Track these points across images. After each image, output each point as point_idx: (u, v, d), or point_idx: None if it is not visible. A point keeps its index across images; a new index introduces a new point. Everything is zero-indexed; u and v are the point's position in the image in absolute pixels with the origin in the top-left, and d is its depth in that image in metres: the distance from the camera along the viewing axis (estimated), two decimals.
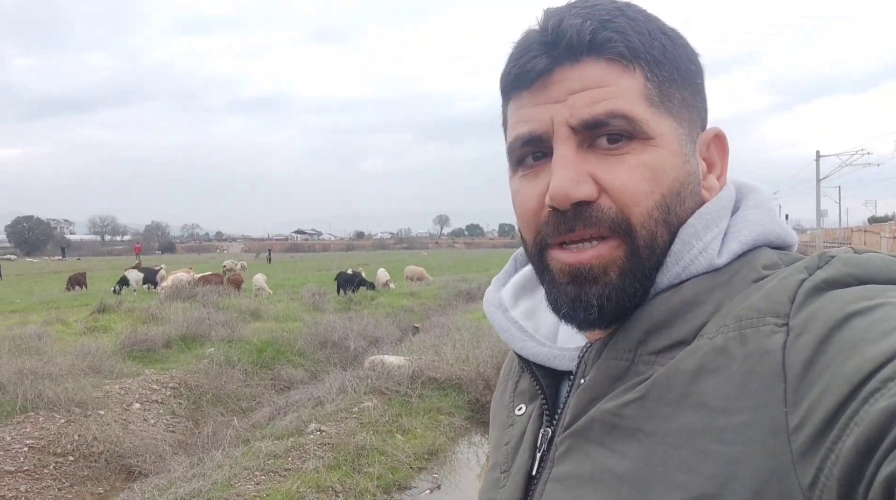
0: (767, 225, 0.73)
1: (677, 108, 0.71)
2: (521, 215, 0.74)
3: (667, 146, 0.70)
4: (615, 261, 0.69)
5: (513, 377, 0.86)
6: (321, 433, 6.27)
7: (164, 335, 11.58)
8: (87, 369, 9.22)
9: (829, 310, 0.56)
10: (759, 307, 0.61)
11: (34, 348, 10.31)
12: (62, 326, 13.35)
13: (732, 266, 0.69)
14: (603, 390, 0.68)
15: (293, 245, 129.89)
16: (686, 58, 0.74)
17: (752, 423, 0.56)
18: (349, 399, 7.27)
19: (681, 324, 0.66)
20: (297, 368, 10.71)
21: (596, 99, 0.68)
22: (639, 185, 0.68)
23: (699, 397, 0.59)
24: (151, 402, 8.64)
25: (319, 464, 5.53)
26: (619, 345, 0.69)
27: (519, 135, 0.72)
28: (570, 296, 0.70)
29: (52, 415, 7.49)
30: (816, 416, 0.52)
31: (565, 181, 0.67)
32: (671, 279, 0.69)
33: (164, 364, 10.36)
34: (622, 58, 0.69)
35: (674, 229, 0.70)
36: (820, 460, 0.51)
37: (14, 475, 6.30)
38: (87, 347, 10.33)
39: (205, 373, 9.68)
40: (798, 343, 0.56)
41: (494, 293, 0.88)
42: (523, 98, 0.72)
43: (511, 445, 0.78)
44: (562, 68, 0.69)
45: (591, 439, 0.66)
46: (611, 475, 0.63)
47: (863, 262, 0.61)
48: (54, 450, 6.88)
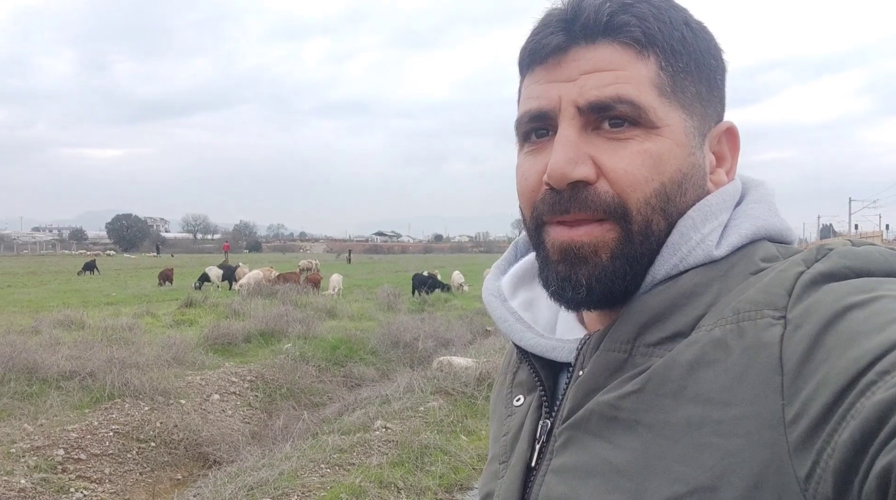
0: (768, 219, 0.73)
1: (689, 100, 0.71)
2: (521, 191, 0.75)
3: (672, 137, 0.69)
4: (607, 243, 0.69)
5: (511, 369, 0.86)
6: (387, 429, 6.37)
7: (245, 330, 12.01)
8: (172, 360, 9.67)
9: (826, 303, 0.56)
10: (757, 300, 0.61)
11: (125, 338, 10.90)
12: (152, 318, 14.07)
13: (731, 258, 0.69)
14: (601, 381, 0.68)
15: (373, 246, 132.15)
16: (707, 51, 0.73)
17: (749, 415, 0.56)
18: (415, 398, 7.35)
19: (678, 316, 0.66)
20: (369, 366, 10.90)
21: (605, 82, 0.68)
22: (638, 171, 0.68)
23: (697, 390, 0.59)
24: (230, 393, 8.97)
25: (383, 460, 5.61)
26: (616, 337, 0.69)
27: (527, 110, 0.72)
28: (561, 274, 0.71)
29: (137, 402, 7.88)
30: (813, 408, 0.52)
31: (563, 161, 0.67)
32: (668, 270, 0.69)
33: (243, 358, 10.75)
34: (637, 43, 0.68)
35: (672, 220, 0.70)
36: (816, 452, 0.51)
37: (100, 458, 6.66)
38: (172, 339, 10.84)
39: (280, 368, 9.99)
40: (795, 336, 0.56)
41: (493, 282, 0.88)
42: (537, 74, 0.73)
43: (510, 436, 0.79)
44: (577, 47, 0.70)
45: (589, 430, 0.67)
46: (609, 466, 0.63)
47: (860, 254, 0.61)
48: (138, 436, 7.24)
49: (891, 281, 0.58)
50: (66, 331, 11.61)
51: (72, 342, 10.24)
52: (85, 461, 6.57)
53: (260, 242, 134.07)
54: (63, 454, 6.48)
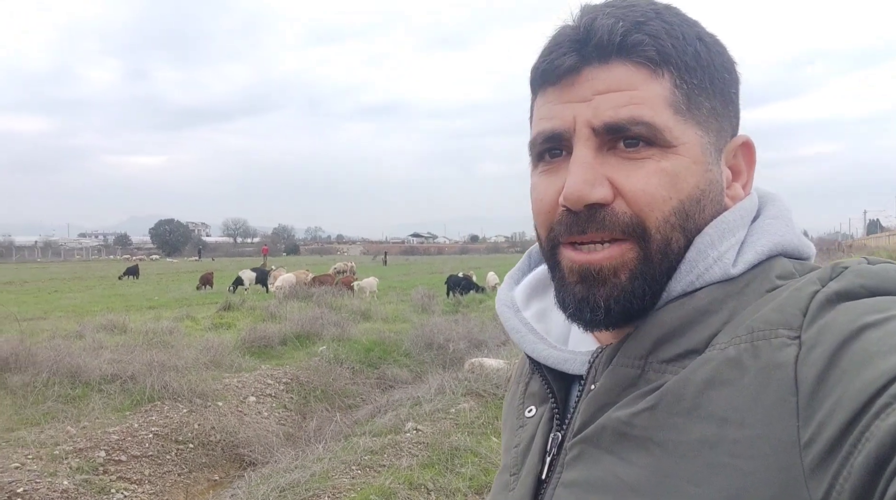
0: (785, 236, 0.72)
1: (705, 116, 0.71)
2: (537, 212, 0.75)
3: (688, 154, 0.69)
4: (626, 264, 0.69)
5: (523, 379, 0.86)
6: (417, 431, 6.40)
7: (281, 333, 12.19)
8: (209, 363, 9.87)
9: (841, 323, 0.56)
10: (772, 319, 0.60)
11: (164, 342, 11.15)
12: (191, 322, 14.36)
13: (746, 276, 0.68)
14: (613, 397, 0.68)
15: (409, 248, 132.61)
16: (721, 66, 0.72)
17: (763, 437, 0.55)
18: (447, 400, 7.38)
19: (693, 333, 0.65)
20: (403, 368, 10.96)
21: (620, 103, 0.67)
22: (656, 190, 0.67)
23: (711, 409, 0.59)
24: (265, 396, 9.12)
25: (413, 462, 5.65)
26: (630, 352, 0.68)
27: (541, 131, 0.72)
28: (578, 296, 0.71)
29: (175, 405, 8.06)
30: (828, 431, 0.51)
31: (580, 183, 0.67)
32: (684, 287, 0.69)
33: (279, 360, 10.91)
34: (651, 62, 0.68)
35: (691, 237, 0.70)
36: (832, 476, 0.50)
37: (139, 460, 6.84)
38: (210, 342, 11.05)
39: (315, 370, 10.11)
40: (810, 357, 0.55)
41: (507, 292, 0.88)
42: (549, 94, 0.72)
43: (521, 448, 0.78)
44: (590, 68, 0.69)
45: (601, 446, 0.66)
46: (620, 483, 0.63)
47: (876, 273, 0.61)
48: (176, 437, 7.41)
49: None
50: (109, 335, 11.92)
51: (114, 346, 10.51)
52: (125, 462, 6.74)
53: (298, 245, 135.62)
54: (104, 455, 6.67)
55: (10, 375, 8.50)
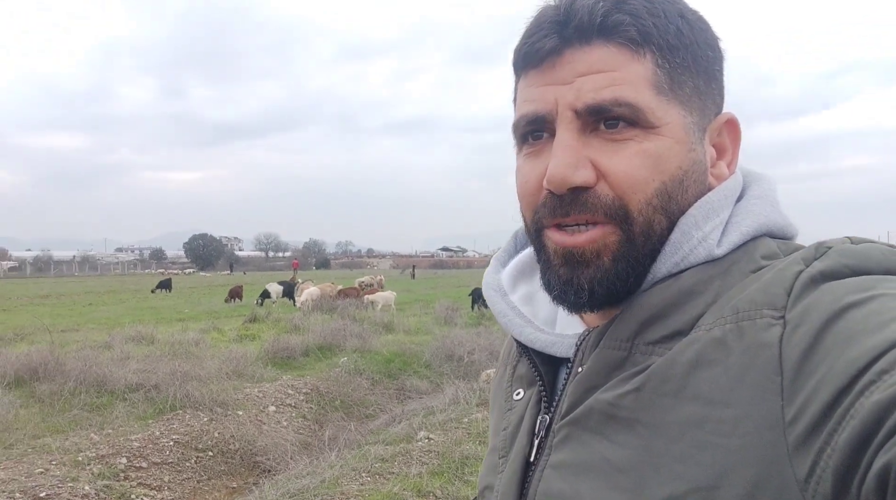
0: (770, 215, 0.72)
1: (688, 96, 0.70)
2: (521, 195, 0.75)
3: (671, 135, 0.69)
4: (609, 246, 0.69)
5: (511, 362, 0.86)
6: (429, 440, 6.47)
7: (303, 344, 12.34)
8: (232, 373, 10.04)
9: (824, 302, 0.56)
10: (757, 299, 0.61)
11: (190, 353, 11.37)
12: (217, 333, 14.61)
13: (731, 256, 0.69)
14: (600, 379, 0.68)
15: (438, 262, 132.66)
16: (704, 43, 0.72)
17: (748, 416, 0.56)
18: (460, 410, 7.43)
19: (678, 314, 0.66)
20: (422, 379, 11.04)
21: (601, 84, 0.67)
22: (638, 172, 0.68)
23: (696, 389, 0.60)
24: (285, 405, 9.25)
25: (423, 469, 5.71)
26: (616, 334, 0.69)
27: (524, 114, 0.72)
28: (563, 278, 0.71)
29: (197, 413, 8.23)
30: (812, 409, 0.52)
31: (563, 166, 0.67)
32: (669, 269, 0.69)
33: (301, 371, 11.05)
34: (632, 42, 0.68)
35: (674, 217, 0.70)
36: (815, 453, 0.51)
37: (160, 467, 6.99)
38: (233, 353, 11.24)
39: (335, 380, 10.24)
40: (794, 336, 0.56)
41: (493, 275, 0.88)
42: (531, 77, 0.72)
43: (509, 430, 0.79)
44: (571, 49, 0.69)
45: (588, 428, 0.67)
46: (608, 464, 0.63)
47: (859, 252, 0.61)
48: (196, 445, 7.56)
49: (889, 279, 0.58)
50: (137, 346, 12.19)
51: (141, 357, 10.76)
52: (146, 468, 6.91)
53: (328, 259, 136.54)
54: (125, 462, 6.84)
55: (38, 384, 8.77)
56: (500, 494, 0.76)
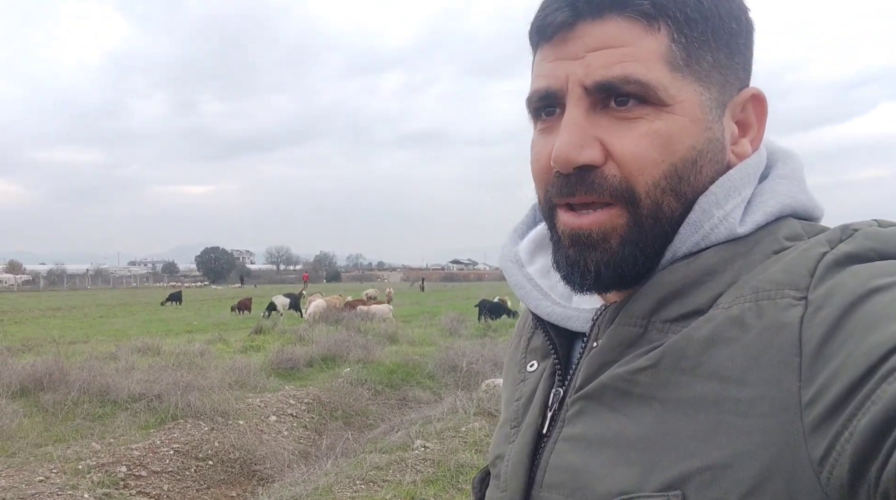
0: (796, 196, 0.70)
1: (706, 71, 0.68)
2: (534, 172, 0.73)
3: (685, 113, 0.66)
4: (616, 229, 0.68)
5: (526, 333, 0.85)
6: (425, 448, 6.48)
7: (307, 355, 12.38)
8: (234, 383, 10.09)
9: (849, 285, 0.55)
10: (778, 279, 0.60)
11: (194, 363, 11.44)
12: (223, 344, 14.69)
13: (754, 236, 0.67)
14: (615, 355, 0.68)
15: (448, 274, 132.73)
16: (727, 15, 0.68)
17: (765, 396, 0.55)
18: (458, 419, 7.45)
19: (697, 293, 0.65)
20: (425, 389, 11.06)
21: (612, 60, 0.65)
22: (646, 153, 0.66)
23: (713, 367, 0.59)
24: (286, 415, 9.29)
25: (417, 478, 5.73)
26: (633, 311, 0.68)
27: (537, 89, 0.71)
28: (571, 259, 0.70)
29: (198, 423, 8.27)
30: (832, 392, 0.51)
31: (569, 145, 0.66)
32: (689, 247, 0.68)
33: (304, 381, 11.09)
34: (645, 16, 0.65)
35: (687, 199, 0.68)
36: (833, 436, 0.50)
37: (159, 475, 7.04)
38: (237, 363, 11.30)
39: (337, 391, 10.27)
40: (816, 318, 0.55)
41: (511, 247, 0.86)
42: (545, 51, 0.71)
43: (522, 401, 0.78)
44: (584, 23, 0.67)
45: (603, 402, 0.66)
46: (622, 439, 0.63)
47: (886, 236, 0.59)
48: (196, 454, 7.60)
49: None
50: (142, 357, 12.28)
51: (145, 367, 10.84)
52: (145, 477, 6.95)
53: (339, 272, 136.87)
54: (125, 470, 6.88)
55: (43, 393, 8.86)
56: (511, 464, 0.75)
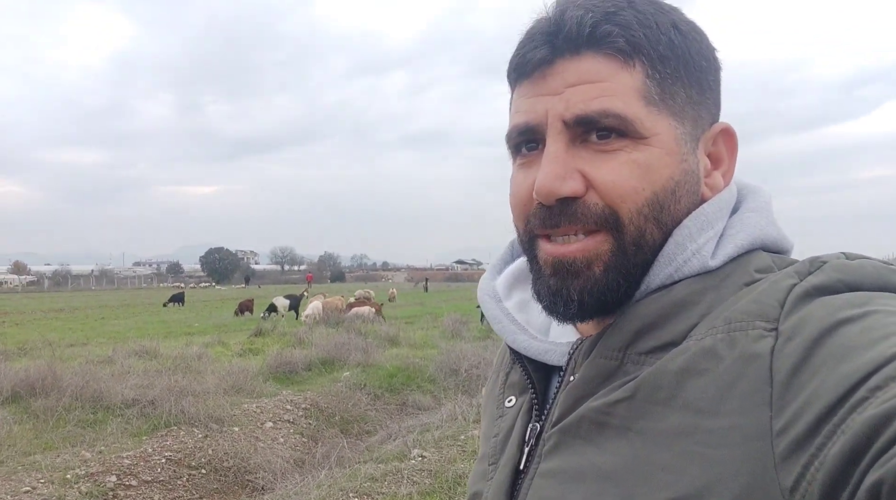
0: (765, 229, 0.72)
1: (680, 106, 0.70)
2: (514, 205, 0.75)
3: (661, 145, 0.68)
4: (600, 256, 0.68)
5: (504, 369, 0.86)
6: (422, 458, 6.28)
7: (306, 359, 12.23)
8: (230, 388, 9.92)
9: (818, 316, 0.56)
10: (749, 311, 0.61)
11: (191, 367, 11.28)
12: (222, 347, 14.53)
13: (725, 269, 0.68)
14: (592, 388, 0.68)
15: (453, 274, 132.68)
16: (698, 54, 0.71)
17: (737, 426, 0.56)
18: (457, 427, 7.24)
19: (671, 325, 0.65)
20: (426, 394, 10.85)
21: (591, 95, 0.67)
22: (627, 182, 0.67)
23: (686, 399, 0.59)
24: (283, 421, 9.10)
25: (413, 490, 5.53)
26: (608, 344, 0.69)
27: (516, 125, 0.72)
28: (553, 288, 0.71)
29: (191, 430, 8.09)
30: (802, 421, 0.52)
31: (551, 177, 0.67)
32: (663, 280, 0.69)
33: (302, 386, 10.91)
34: (621, 53, 0.67)
35: (667, 228, 0.70)
36: (803, 465, 0.51)
37: (150, 485, 6.86)
38: (234, 367, 11.14)
39: (335, 395, 10.08)
40: (786, 348, 0.56)
41: (489, 282, 0.88)
42: (524, 87, 0.72)
43: (500, 437, 0.79)
44: (562, 60, 0.69)
45: (579, 435, 0.67)
46: (598, 472, 0.63)
47: (854, 268, 0.61)
48: (189, 462, 7.42)
49: (883, 296, 0.58)
50: (139, 360, 12.11)
51: (141, 371, 10.67)
52: (136, 487, 6.77)
53: (343, 272, 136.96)
54: (115, 480, 6.70)
55: (35, 399, 8.68)
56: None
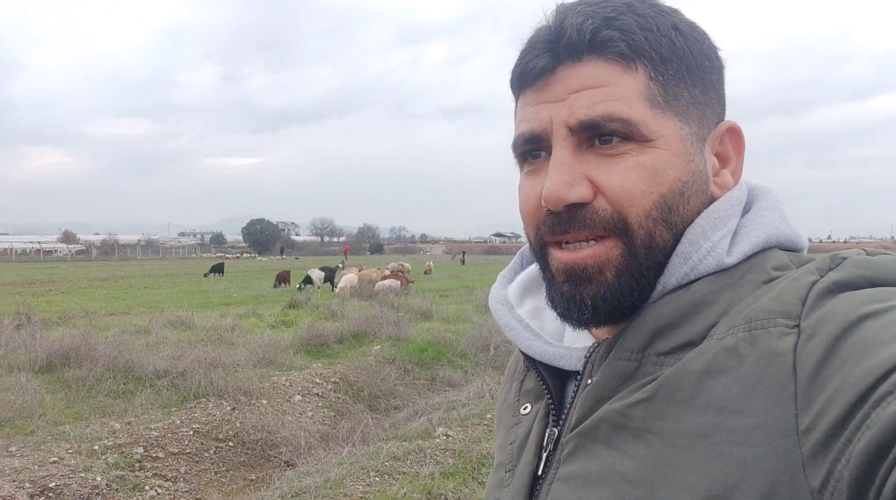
0: (779, 227, 0.72)
1: (684, 106, 0.70)
2: (524, 213, 0.75)
3: (667, 147, 0.69)
4: (611, 261, 0.69)
5: (518, 377, 0.87)
6: (447, 437, 6.15)
7: (338, 332, 12.20)
8: (261, 361, 9.93)
9: (840, 312, 0.56)
10: (771, 308, 0.60)
11: (224, 338, 11.34)
12: (256, 319, 14.61)
13: (742, 267, 0.68)
14: (611, 390, 0.68)
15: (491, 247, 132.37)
16: (700, 54, 0.72)
17: (762, 424, 0.55)
18: (484, 405, 7.09)
19: (689, 325, 0.65)
20: (456, 369, 10.71)
21: (594, 100, 0.67)
22: (634, 185, 0.67)
23: (708, 398, 0.59)
24: (312, 395, 9.06)
25: (436, 470, 5.39)
26: (626, 345, 0.69)
27: (521, 133, 0.73)
28: (566, 295, 0.71)
29: (220, 402, 8.10)
30: (827, 418, 0.51)
31: (559, 184, 0.67)
32: (679, 279, 0.69)
33: (332, 359, 10.88)
34: (623, 57, 0.68)
35: (677, 229, 0.70)
36: (830, 462, 0.50)
37: (177, 457, 6.87)
38: (266, 339, 11.15)
39: (365, 369, 9.99)
40: (809, 345, 0.56)
41: (500, 290, 0.88)
42: (527, 96, 0.73)
43: (516, 444, 0.79)
44: (563, 67, 0.69)
45: (598, 439, 0.66)
46: (618, 475, 0.63)
47: (875, 264, 0.61)
48: (216, 435, 7.42)
49: None
50: (175, 331, 12.23)
51: (175, 342, 10.75)
52: (162, 459, 6.79)
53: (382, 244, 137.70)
54: (142, 451, 6.72)
55: (68, 369, 8.79)
56: None
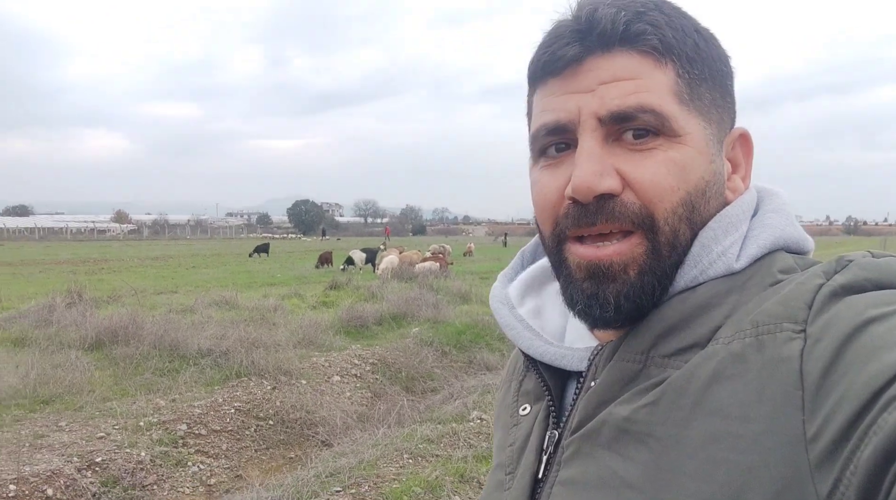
0: (786, 229, 0.72)
1: (706, 107, 0.71)
2: (541, 207, 0.74)
3: (693, 145, 0.69)
4: (636, 259, 0.68)
5: (517, 377, 0.86)
6: (481, 421, 6.17)
7: (377, 313, 12.30)
8: (301, 341, 10.08)
9: (846, 316, 0.56)
10: (777, 313, 0.60)
11: (266, 318, 11.54)
12: (298, 299, 14.82)
13: (749, 270, 0.68)
14: (614, 392, 0.67)
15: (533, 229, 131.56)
16: (718, 58, 0.73)
17: (768, 431, 0.55)
18: None
19: (694, 327, 0.65)
20: (494, 352, 10.72)
21: (627, 91, 0.67)
22: (664, 180, 0.67)
23: (714, 404, 0.59)
24: (350, 375, 9.18)
25: (469, 453, 5.42)
26: (631, 347, 0.68)
27: (544, 123, 0.71)
28: (587, 293, 0.70)
29: (261, 382, 8.26)
30: (834, 424, 0.51)
31: (589, 174, 0.66)
32: (687, 282, 0.69)
33: (371, 340, 10.98)
34: (655, 51, 0.68)
35: (696, 228, 0.70)
36: (839, 469, 0.50)
37: (219, 434, 7.05)
38: (307, 320, 11.32)
39: (403, 351, 10.07)
40: (815, 351, 0.55)
41: (501, 290, 0.88)
42: (551, 86, 0.72)
43: (516, 446, 0.78)
44: (593, 57, 0.69)
45: (599, 442, 0.66)
46: (619, 480, 0.62)
47: (881, 266, 0.60)
48: (257, 414, 7.59)
49: None
50: (219, 310, 12.49)
51: (219, 322, 10.99)
52: (205, 436, 6.97)
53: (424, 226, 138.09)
54: (185, 428, 6.91)
55: (116, 347, 9.07)
56: None
